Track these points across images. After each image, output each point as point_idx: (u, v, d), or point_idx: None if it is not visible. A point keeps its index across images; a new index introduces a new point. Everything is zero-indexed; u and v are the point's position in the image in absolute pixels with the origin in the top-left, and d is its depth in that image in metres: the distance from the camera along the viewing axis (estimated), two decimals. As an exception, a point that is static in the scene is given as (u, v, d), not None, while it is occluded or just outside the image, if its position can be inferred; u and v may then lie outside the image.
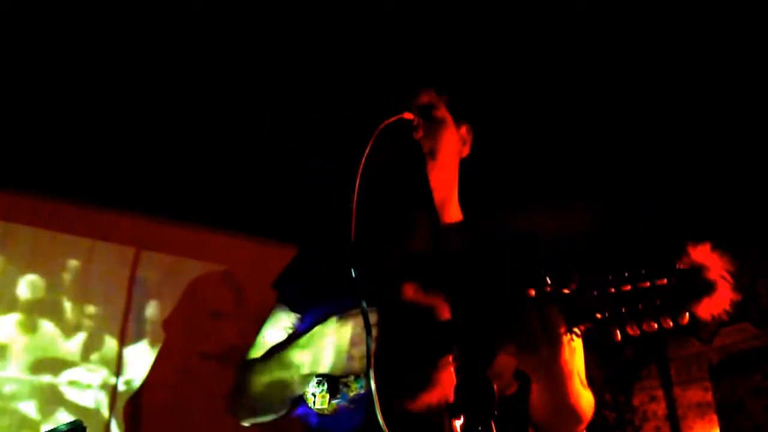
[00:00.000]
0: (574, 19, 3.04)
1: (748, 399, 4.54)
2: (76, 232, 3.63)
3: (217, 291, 3.84)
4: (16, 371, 3.31)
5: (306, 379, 1.45)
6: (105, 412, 3.46)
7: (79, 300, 3.56)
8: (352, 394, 1.41)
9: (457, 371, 1.29)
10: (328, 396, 1.42)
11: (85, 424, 1.89)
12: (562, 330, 1.22)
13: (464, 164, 1.85)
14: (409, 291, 1.42)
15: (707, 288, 1.12)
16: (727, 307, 1.12)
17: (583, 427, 1.49)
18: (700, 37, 3.13)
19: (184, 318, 3.72)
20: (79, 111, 3.40)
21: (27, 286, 3.46)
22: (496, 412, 1.24)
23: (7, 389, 3.27)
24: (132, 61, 3.18)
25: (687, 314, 1.14)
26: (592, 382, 1.57)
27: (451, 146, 1.75)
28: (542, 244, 1.69)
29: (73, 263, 3.61)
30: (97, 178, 3.62)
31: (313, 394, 1.43)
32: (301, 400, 1.47)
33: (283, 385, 1.49)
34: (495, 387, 1.27)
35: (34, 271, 3.50)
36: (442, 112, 1.75)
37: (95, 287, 3.62)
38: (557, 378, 1.32)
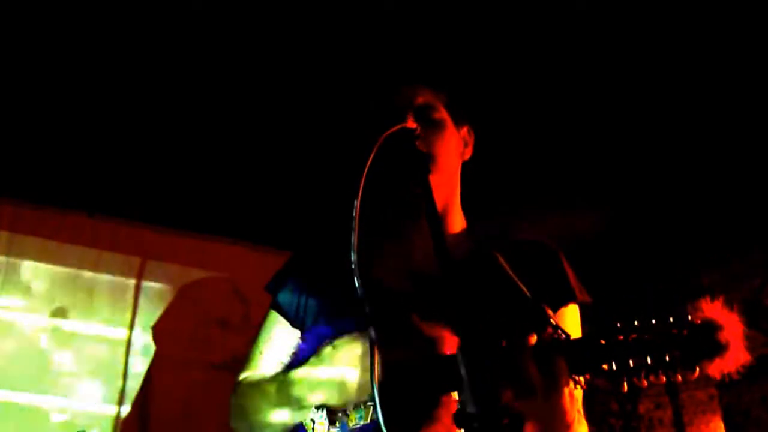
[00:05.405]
0: (580, 20, 3.03)
1: (754, 406, 4.51)
2: (82, 242, 3.65)
3: (224, 300, 3.84)
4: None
5: (307, 409, 1.42)
6: (111, 422, 3.46)
7: (86, 310, 3.57)
8: (351, 425, 1.37)
9: (459, 407, 1.25)
10: (326, 424, 1.39)
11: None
12: (564, 380, 1.16)
13: (469, 167, 1.76)
14: (413, 320, 1.36)
15: (720, 348, 1.08)
16: (740, 369, 1.08)
17: None
18: (702, 38, 3.12)
19: (190, 327, 3.72)
20: (83, 121, 3.42)
21: (32, 296, 3.47)
22: None
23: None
24: (135, 70, 3.19)
25: (697, 370, 1.10)
26: (597, 389, 1.54)
27: (452, 150, 1.66)
28: (551, 254, 1.61)
29: (80, 273, 3.62)
30: (102, 188, 3.64)
31: (312, 420, 1.42)
32: (300, 426, 1.45)
33: (283, 416, 1.45)
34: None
35: (39, 281, 3.51)
36: (441, 114, 1.65)
37: (101, 297, 3.64)
38: (552, 427, 1.24)
